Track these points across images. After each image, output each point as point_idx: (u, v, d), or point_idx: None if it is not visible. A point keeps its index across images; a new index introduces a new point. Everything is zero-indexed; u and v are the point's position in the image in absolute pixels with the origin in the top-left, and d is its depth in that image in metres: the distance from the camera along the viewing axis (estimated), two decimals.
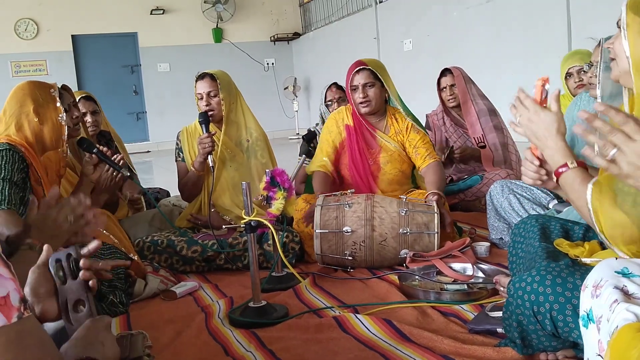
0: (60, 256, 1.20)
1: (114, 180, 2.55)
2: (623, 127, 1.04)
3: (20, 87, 2.25)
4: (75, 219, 1.58)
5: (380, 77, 2.95)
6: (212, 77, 3.00)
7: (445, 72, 3.79)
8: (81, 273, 1.19)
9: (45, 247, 1.23)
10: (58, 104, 2.23)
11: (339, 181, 3.06)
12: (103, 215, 1.73)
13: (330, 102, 3.88)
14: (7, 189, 2.07)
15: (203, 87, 2.99)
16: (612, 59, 1.41)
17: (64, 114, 2.24)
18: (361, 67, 2.95)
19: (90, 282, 1.20)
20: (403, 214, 2.56)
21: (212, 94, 2.98)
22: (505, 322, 1.56)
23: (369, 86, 2.93)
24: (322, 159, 3.01)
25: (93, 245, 1.28)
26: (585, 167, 1.41)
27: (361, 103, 2.94)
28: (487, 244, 2.71)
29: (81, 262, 1.19)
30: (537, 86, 1.49)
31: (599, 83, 1.71)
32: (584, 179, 1.36)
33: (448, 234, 2.72)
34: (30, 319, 0.84)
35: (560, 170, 1.40)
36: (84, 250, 1.25)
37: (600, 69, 1.76)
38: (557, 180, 1.43)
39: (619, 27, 1.38)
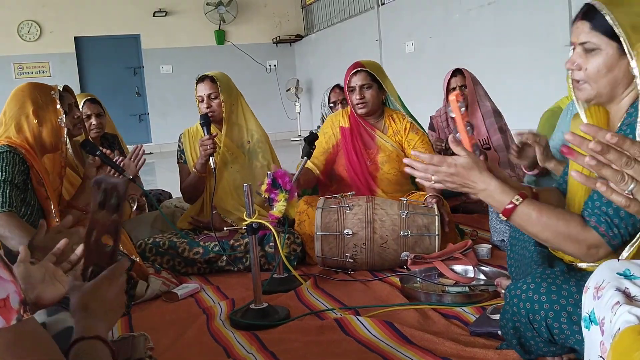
0: (107, 184, 1.14)
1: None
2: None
3: (20, 89, 2.25)
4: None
5: (378, 78, 2.96)
6: (212, 79, 3.00)
7: (455, 72, 3.79)
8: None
9: (21, 248, 1.23)
10: (58, 106, 2.23)
11: (328, 182, 3.07)
12: None
13: (333, 104, 3.88)
14: (7, 191, 2.07)
15: (203, 89, 2.99)
16: (582, 82, 1.40)
17: (64, 116, 2.24)
18: (359, 68, 2.96)
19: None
20: (404, 216, 2.56)
21: (212, 96, 2.99)
22: (503, 329, 1.56)
23: (366, 88, 2.95)
24: (311, 163, 3.01)
25: (80, 249, 1.30)
26: (531, 190, 1.38)
27: (358, 104, 2.95)
28: (489, 246, 2.70)
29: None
30: (451, 102, 1.45)
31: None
32: (540, 209, 1.33)
33: (449, 236, 2.72)
34: (31, 321, 0.84)
35: (507, 208, 1.35)
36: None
37: None
38: (507, 219, 1.38)
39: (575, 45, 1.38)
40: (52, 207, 2.24)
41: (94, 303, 1.09)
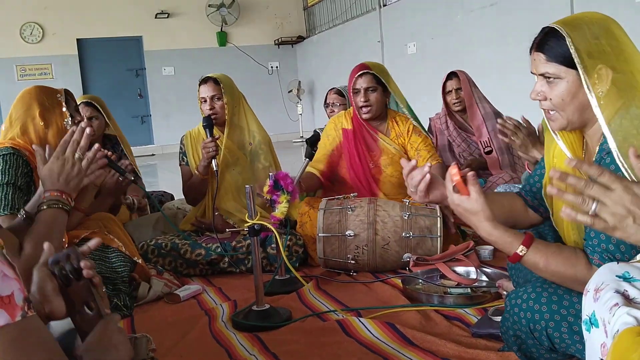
0: (60, 258, 1.18)
1: (118, 184, 2.56)
2: (599, 179, 0.99)
3: (27, 91, 2.26)
4: (82, 153, 1.65)
5: (383, 81, 2.95)
6: (215, 80, 3.01)
7: (450, 75, 3.79)
8: (85, 272, 1.17)
9: (45, 245, 1.23)
10: (64, 109, 2.24)
11: (330, 184, 3.07)
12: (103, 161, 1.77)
13: (327, 105, 3.88)
14: (10, 193, 2.07)
15: (207, 90, 3.00)
16: (552, 111, 1.40)
17: (70, 119, 2.25)
18: (364, 70, 2.95)
19: (95, 280, 1.20)
20: (406, 217, 2.56)
21: (215, 97, 2.99)
22: (504, 335, 1.56)
23: (371, 90, 2.94)
24: (312, 165, 3.01)
25: (93, 242, 1.28)
26: (532, 237, 1.37)
27: (362, 107, 2.94)
28: (491, 247, 2.70)
29: (82, 264, 1.18)
30: (451, 175, 1.40)
31: None
32: (546, 257, 1.33)
33: (451, 237, 2.72)
34: (34, 318, 0.85)
35: (516, 256, 1.36)
36: (84, 248, 1.25)
37: None
38: (515, 262, 1.39)
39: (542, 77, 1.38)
40: None
41: (105, 344, 1.11)
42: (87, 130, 1.68)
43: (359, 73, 2.96)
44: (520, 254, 1.34)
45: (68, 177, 1.65)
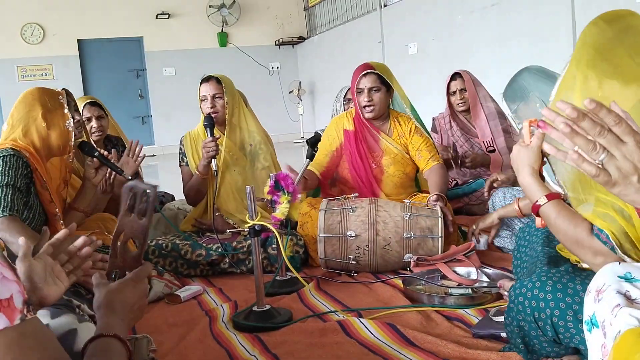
0: (137, 189, 1.18)
1: (111, 182, 2.56)
2: (614, 128, 0.92)
3: (29, 92, 2.26)
4: (70, 256, 1.43)
5: (387, 81, 2.95)
6: (217, 80, 3.01)
7: (455, 76, 3.78)
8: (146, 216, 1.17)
9: (21, 239, 1.24)
10: (66, 110, 2.24)
11: (329, 184, 3.07)
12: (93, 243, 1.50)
13: (348, 101, 3.85)
14: (9, 194, 2.07)
15: (208, 89, 3.00)
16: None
17: (71, 120, 2.25)
18: (368, 70, 2.95)
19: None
20: (407, 218, 2.56)
21: (217, 96, 3.00)
22: (507, 327, 1.56)
23: (375, 90, 2.93)
24: (314, 166, 3.01)
25: (79, 241, 1.34)
26: (559, 197, 1.40)
27: (365, 107, 2.94)
28: (486, 236, 2.70)
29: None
30: (524, 126, 1.49)
31: None
32: (559, 212, 1.36)
33: (452, 237, 2.71)
34: (34, 321, 0.84)
35: (534, 205, 1.40)
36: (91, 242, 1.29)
37: None
38: (536, 215, 1.43)
39: None
40: (57, 210, 2.25)
41: (118, 303, 1.12)
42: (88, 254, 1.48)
43: (362, 73, 2.95)
44: (540, 203, 1.38)
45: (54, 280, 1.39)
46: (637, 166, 0.92)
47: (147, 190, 1.16)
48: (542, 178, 1.45)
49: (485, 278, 2.35)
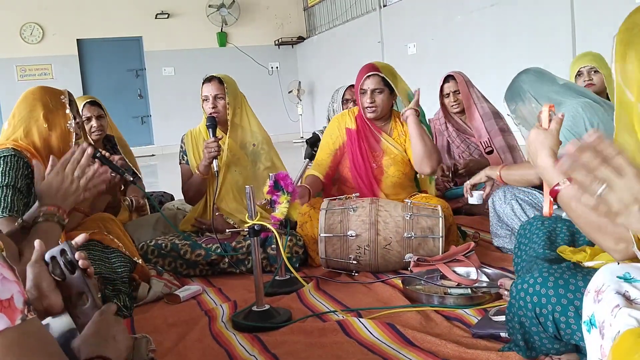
0: (54, 253, 1.21)
1: (112, 182, 2.56)
2: (612, 161, 0.94)
3: (30, 92, 2.25)
4: (82, 171, 1.71)
5: (391, 83, 2.93)
6: (219, 80, 3.02)
7: (447, 78, 3.78)
8: (80, 262, 1.20)
9: (36, 242, 1.24)
10: (67, 111, 2.23)
11: (331, 184, 3.07)
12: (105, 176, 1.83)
13: (346, 101, 3.86)
14: (10, 195, 2.06)
15: (210, 89, 3.00)
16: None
17: (73, 120, 2.24)
18: (373, 72, 2.93)
19: (88, 270, 1.22)
20: (408, 217, 2.56)
21: (218, 96, 3.00)
22: (508, 324, 1.56)
23: (378, 92, 2.92)
24: (317, 165, 3.01)
25: (80, 238, 1.32)
26: None
27: (368, 107, 2.93)
28: (480, 191, 2.65)
29: (76, 255, 1.21)
30: (543, 111, 1.49)
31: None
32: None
33: (451, 238, 2.71)
34: (34, 321, 0.84)
35: (555, 189, 1.36)
36: (77, 240, 1.28)
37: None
38: (554, 200, 1.39)
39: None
40: None
41: (100, 338, 1.12)
42: (88, 150, 1.75)
43: (367, 74, 2.93)
44: (560, 187, 1.34)
45: (66, 194, 1.72)
46: (637, 197, 0.93)
47: (62, 248, 1.20)
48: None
49: (485, 278, 2.35)
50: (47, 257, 1.20)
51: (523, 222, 2.34)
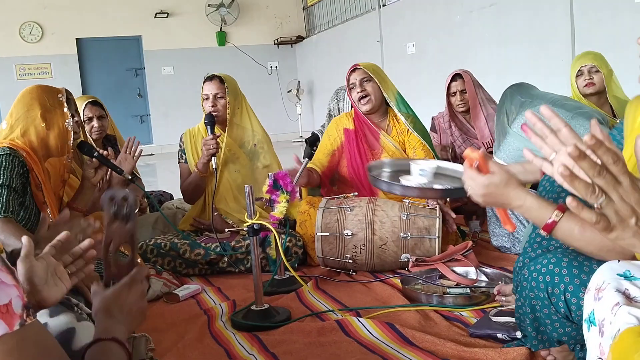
0: (116, 195, 1.19)
1: (108, 180, 2.56)
2: (611, 167, 0.87)
3: (28, 91, 2.24)
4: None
5: (372, 75, 2.97)
6: (220, 79, 3.02)
7: (455, 76, 3.78)
8: (130, 222, 1.19)
9: (24, 238, 1.22)
10: (65, 110, 2.22)
11: (329, 183, 3.07)
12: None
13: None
14: (5, 195, 2.05)
15: (211, 88, 3.00)
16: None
17: (71, 119, 2.23)
18: (356, 67, 3.00)
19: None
20: (404, 218, 2.56)
21: (219, 95, 3.00)
22: (518, 310, 1.53)
23: (366, 80, 2.97)
24: (313, 165, 3.02)
25: (85, 243, 1.31)
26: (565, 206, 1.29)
27: (360, 100, 2.96)
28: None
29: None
30: (471, 159, 1.38)
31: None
32: (583, 222, 1.23)
33: (451, 237, 2.71)
34: (34, 325, 0.83)
35: (548, 224, 1.28)
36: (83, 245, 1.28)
37: None
38: (548, 235, 1.31)
39: None
40: (50, 212, 2.23)
41: (114, 307, 1.12)
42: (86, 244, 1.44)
43: (351, 70, 3.01)
44: (556, 219, 1.26)
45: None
46: (634, 208, 0.88)
47: (127, 195, 1.19)
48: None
49: (483, 277, 2.35)
50: (106, 195, 1.19)
51: (519, 222, 2.32)
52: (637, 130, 1.37)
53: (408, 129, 2.99)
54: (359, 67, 3.00)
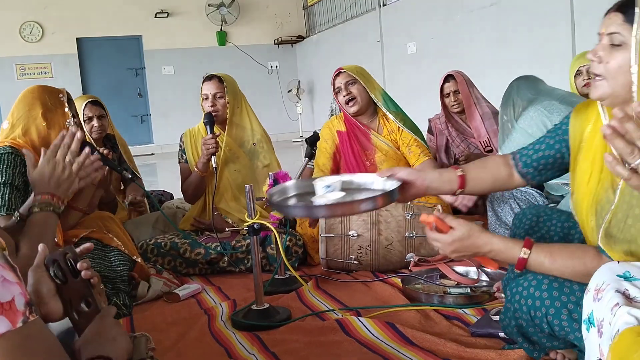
0: (57, 257, 1.19)
1: (106, 176, 2.56)
2: None
3: (29, 91, 2.25)
4: (73, 157, 1.68)
5: (358, 79, 2.98)
6: (219, 79, 3.02)
7: (448, 77, 3.79)
8: (83, 273, 1.19)
9: (40, 247, 1.22)
10: (66, 109, 2.23)
11: None
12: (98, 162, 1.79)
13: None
14: (7, 193, 2.05)
15: (210, 88, 3.01)
16: (598, 75, 1.31)
17: (72, 119, 2.24)
18: (339, 71, 3.03)
19: (92, 280, 1.21)
20: (409, 217, 2.56)
21: (218, 95, 3.00)
22: (506, 328, 1.56)
23: (351, 83, 3.00)
24: (319, 170, 3.05)
25: (86, 245, 1.31)
26: (530, 240, 1.37)
27: (347, 103, 2.99)
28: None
29: (79, 264, 1.19)
30: (428, 223, 1.45)
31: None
32: (551, 254, 1.33)
33: None
34: (36, 322, 0.83)
35: (520, 262, 1.35)
36: (81, 249, 1.27)
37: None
38: (521, 271, 1.39)
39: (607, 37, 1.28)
40: None
41: (99, 338, 1.12)
42: (78, 134, 1.71)
43: (335, 74, 3.05)
44: (525, 256, 1.34)
45: (59, 181, 1.68)
46: None
47: (57, 256, 1.18)
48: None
49: (484, 277, 2.35)
50: (47, 260, 1.19)
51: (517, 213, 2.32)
52: (587, 142, 1.42)
53: (399, 127, 3.00)
54: (343, 70, 3.03)
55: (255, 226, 2.10)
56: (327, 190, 1.56)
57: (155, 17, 10.90)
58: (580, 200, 1.41)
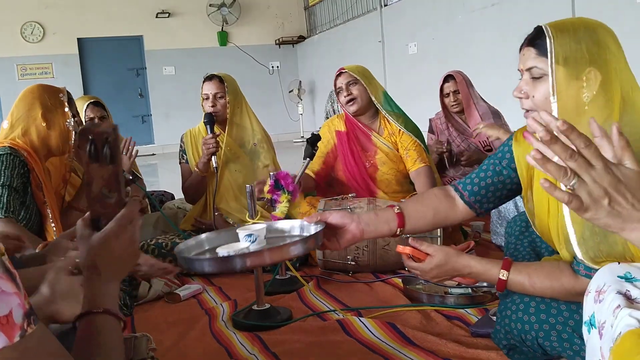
0: (94, 132, 1.01)
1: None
2: (584, 151, 0.90)
3: (29, 91, 2.24)
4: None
5: (359, 79, 2.97)
6: (220, 79, 3.03)
7: (447, 77, 3.79)
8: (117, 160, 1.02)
9: (73, 253, 1.20)
10: (66, 109, 2.23)
11: (326, 186, 3.08)
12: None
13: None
14: (5, 195, 2.05)
15: (210, 88, 3.01)
16: (528, 110, 1.36)
17: (72, 119, 2.23)
18: (341, 71, 3.02)
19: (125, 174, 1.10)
20: None
21: (218, 95, 3.00)
22: (499, 345, 1.59)
23: (352, 84, 2.98)
24: (310, 171, 3.03)
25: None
26: (509, 260, 1.41)
27: (347, 102, 2.97)
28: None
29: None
30: (404, 253, 1.51)
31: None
32: (529, 275, 1.36)
33: (453, 237, 2.71)
34: (35, 334, 0.79)
35: (499, 284, 1.39)
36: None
37: None
38: (502, 292, 1.43)
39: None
40: (50, 211, 2.23)
41: (102, 260, 1.01)
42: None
43: (337, 75, 3.04)
44: (504, 278, 1.37)
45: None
46: (607, 190, 0.90)
47: (106, 132, 1.01)
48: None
49: None
50: (85, 131, 1.01)
51: (509, 220, 2.33)
52: (536, 170, 1.45)
53: (400, 130, 2.99)
54: (344, 70, 3.02)
55: None
56: (248, 239, 1.51)
57: (157, 17, 10.91)
58: (546, 230, 1.46)
